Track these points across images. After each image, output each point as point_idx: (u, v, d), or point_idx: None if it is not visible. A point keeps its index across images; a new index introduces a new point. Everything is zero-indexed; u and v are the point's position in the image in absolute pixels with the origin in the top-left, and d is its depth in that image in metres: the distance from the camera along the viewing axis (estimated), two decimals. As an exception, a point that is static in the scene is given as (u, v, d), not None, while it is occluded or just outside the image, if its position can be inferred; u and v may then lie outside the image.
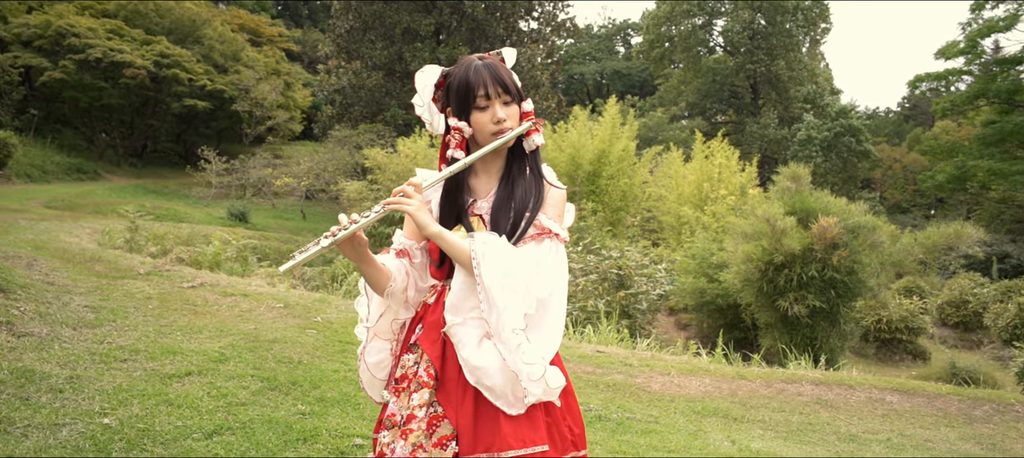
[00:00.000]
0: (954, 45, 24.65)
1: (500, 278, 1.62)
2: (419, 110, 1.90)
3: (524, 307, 1.63)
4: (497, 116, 1.74)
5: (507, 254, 1.65)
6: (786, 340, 9.13)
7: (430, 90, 1.87)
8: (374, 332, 1.85)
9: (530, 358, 1.61)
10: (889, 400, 5.37)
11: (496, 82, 1.75)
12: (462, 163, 1.75)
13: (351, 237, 1.66)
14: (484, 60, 1.79)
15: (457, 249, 1.67)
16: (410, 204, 1.66)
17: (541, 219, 1.76)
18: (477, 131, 1.77)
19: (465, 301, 1.68)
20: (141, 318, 5.25)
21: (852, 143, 35.13)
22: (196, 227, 15.39)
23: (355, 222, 1.65)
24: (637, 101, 42.79)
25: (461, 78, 1.77)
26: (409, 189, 1.68)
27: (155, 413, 3.48)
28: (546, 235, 1.75)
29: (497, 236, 1.69)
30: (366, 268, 1.75)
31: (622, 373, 5.46)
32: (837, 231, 8.73)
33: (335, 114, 27.82)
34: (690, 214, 15.21)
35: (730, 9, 41.12)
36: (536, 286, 1.66)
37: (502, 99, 1.76)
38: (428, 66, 1.89)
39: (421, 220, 1.66)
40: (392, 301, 1.80)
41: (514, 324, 1.61)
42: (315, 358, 4.74)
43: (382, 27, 26.99)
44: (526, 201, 1.77)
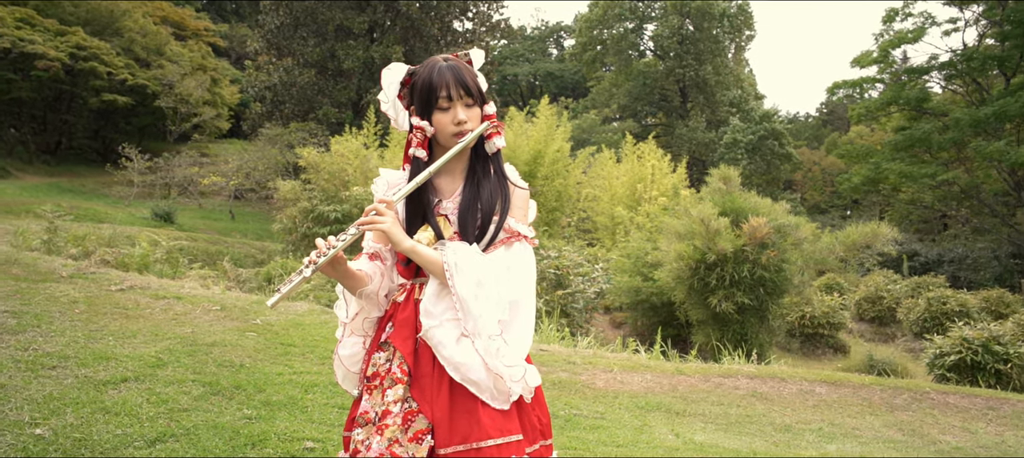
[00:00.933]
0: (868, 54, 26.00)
1: (473, 288, 1.68)
2: (384, 106, 1.93)
3: (498, 313, 1.71)
4: (458, 118, 1.78)
5: (479, 264, 1.71)
6: (718, 336, 9.44)
7: (395, 87, 1.91)
8: (350, 328, 1.89)
9: (509, 360, 1.69)
10: (818, 391, 5.64)
11: (459, 84, 1.79)
12: (428, 173, 1.79)
13: (331, 259, 1.71)
14: (449, 61, 1.82)
15: (431, 261, 1.73)
16: (383, 222, 1.71)
17: (510, 222, 1.82)
18: (438, 131, 1.81)
19: (438, 304, 1.73)
20: (68, 323, 5.00)
21: (775, 146, 36.60)
22: (119, 228, 14.73)
23: (332, 246, 1.69)
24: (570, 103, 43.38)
25: (425, 78, 1.81)
26: (381, 207, 1.72)
27: (91, 422, 3.34)
28: (515, 238, 1.82)
29: (467, 246, 1.75)
30: (345, 280, 1.79)
31: (566, 371, 5.54)
32: (766, 230, 9.09)
33: (265, 112, 27.10)
34: (624, 214, 15.52)
35: (660, 14, 42.13)
36: (507, 290, 1.73)
37: (464, 101, 1.80)
38: (394, 64, 1.92)
39: (395, 237, 1.71)
40: (367, 301, 1.84)
41: (490, 330, 1.69)
42: (258, 361, 4.63)
43: (314, 24, 26.47)
44: (493, 203, 1.82)
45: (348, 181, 13.04)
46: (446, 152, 1.81)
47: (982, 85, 24.71)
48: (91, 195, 22.58)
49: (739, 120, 37.53)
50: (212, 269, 9.27)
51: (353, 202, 11.88)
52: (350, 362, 1.89)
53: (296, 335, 5.44)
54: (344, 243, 1.69)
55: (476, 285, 1.69)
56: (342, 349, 1.89)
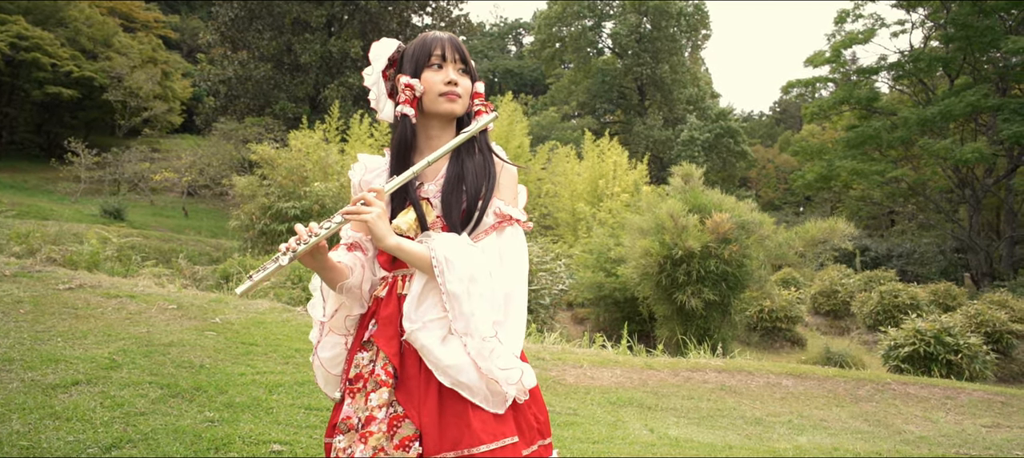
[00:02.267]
0: (820, 54, 26.61)
1: (466, 285, 1.56)
2: (368, 81, 1.81)
3: (493, 312, 1.58)
4: (449, 77, 1.70)
5: (471, 258, 1.58)
6: (682, 331, 9.51)
7: (383, 61, 1.79)
8: (329, 327, 1.75)
9: (504, 362, 1.56)
10: (785, 384, 5.69)
11: (455, 48, 1.73)
12: (425, 163, 1.66)
13: (312, 249, 1.58)
14: (446, 32, 1.76)
15: (418, 257, 1.59)
16: (369, 213, 1.57)
17: (499, 205, 1.69)
18: (427, 91, 1.71)
19: (421, 306, 1.60)
20: (12, 324, 4.74)
21: (730, 144, 37.23)
22: (65, 225, 14.16)
23: (314, 234, 1.56)
24: (529, 100, 43.39)
25: (420, 40, 1.75)
26: (370, 196, 1.59)
27: (40, 428, 3.14)
28: (506, 222, 1.68)
29: (456, 237, 1.62)
30: (325, 272, 1.66)
31: (537, 367, 5.47)
32: (729, 226, 9.18)
33: (219, 106, 26.44)
34: (586, 210, 15.56)
35: (618, 12, 42.43)
36: (502, 284, 1.61)
37: (457, 66, 1.73)
38: (385, 39, 1.81)
39: (379, 232, 1.57)
40: (347, 296, 1.72)
41: (484, 331, 1.55)
42: (218, 361, 4.45)
43: (270, 17, 25.92)
44: (478, 183, 1.69)
45: (307, 177, 12.75)
46: (433, 120, 1.74)
47: (928, 85, 25.53)
48: (34, 191, 21.70)
49: (696, 118, 38.05)
50: (166, 267, 8.95)
51: (313, 198, 11.63)
52: (331, 364, 1.76)
53: (258, 334, 5.26)
54: (327, 232, 1.56)
55: (469, 281, 1.55)
56: (322, 351, 1.76)
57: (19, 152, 27.31)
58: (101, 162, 21.98)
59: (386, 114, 1.80)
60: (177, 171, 21.75)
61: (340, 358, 1.76)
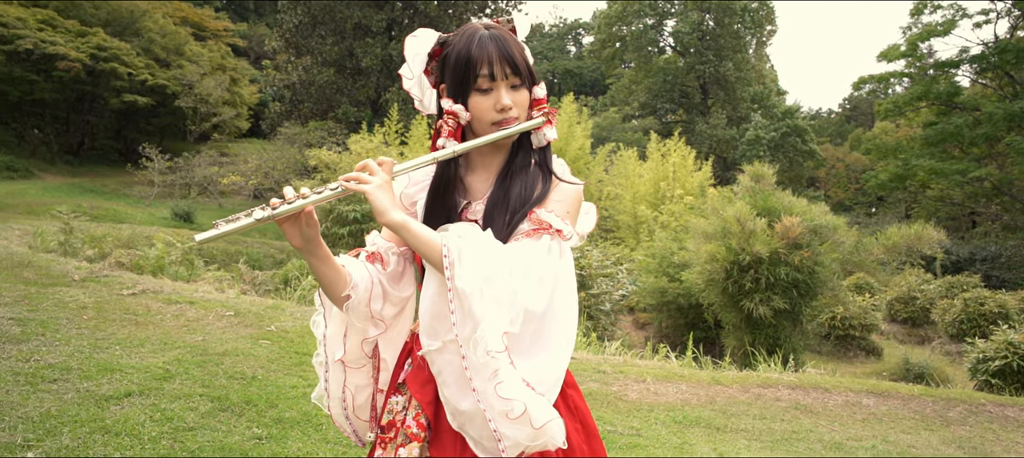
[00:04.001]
0: (895, 48, 25.37)
1: (479, 283, 1.23)
2: (407, 83, 1.56)
3: (505, 320, 1.23)
4: (501, 103, 1.39)
5: (490, 251, 1.28)
6: (750, 340, 9.08)
7: (422, 60, 1.52)
8: (348, 365, 1.49)
9: (509, 391, 1.22)
10: (866, 403, 5.28)
11: (504, 59, 1.39)
12: (449, 151, 1.40)
13: (297, 215, 1.31)
14: (491, 30, 1.43)
15: (426, 243, 1.29)
16: (369, 182, 1.29)
17: (539, 212, 1.39)
18: (475, 119, 1.42)
19: (442, 319, 1.31)
20: (75, 331, 4.78)
21: (798, 143, 35.94)
22: (137, 228, 14.64)
23: (304, 197, 1.28)
24: (590, 101, 42.95)
25: (461, 50, 1.41)
26: (373, 164, 1.32)
27: (89, 443, 3.09)
28: (544, 230, 1.36)
29: (478, 228, 1.33)
30: (317, 263, 1.38)
31: (596, 381, 5.23)
32: (800, 230, 8.71)
33: (284, 111, 27.07)
34: (648, 213, 15.16)
35: (680, 10, 41.58)
36: (526, 295, 1.26)
37: (509, 82, 1.41)
38: (421, 30, 1.53)
39: (380, 203, 1.28)
40: (354, 316, 1.43)
41: (490, 344, 1.21)
42: (271, 373, 4.37)
43: (332, 22, 26.37)
44: (524, 197, 1.41)
45: (366, 181, 12.80)
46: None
47: (1015, 78, 23.99)
48: (112, 195, 22.61)
49: (761, 117, 36.92)
50: (228, 271, 9.07)
51: (372, 202, 11.63)
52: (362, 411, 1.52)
53: (311, 343, 5.18)
54: (318, 198, 1.29)
55: (483, 279, 1.24)
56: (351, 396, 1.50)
57: (99, 157, 28.57)
58: (173, 166, 22.73)
59: (432, 108, 1.55)
60: (244, 175, 22.30)
61: (367, 397, 1.52)
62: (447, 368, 1.30)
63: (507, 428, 1.22)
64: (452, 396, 1.29)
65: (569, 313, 1.34)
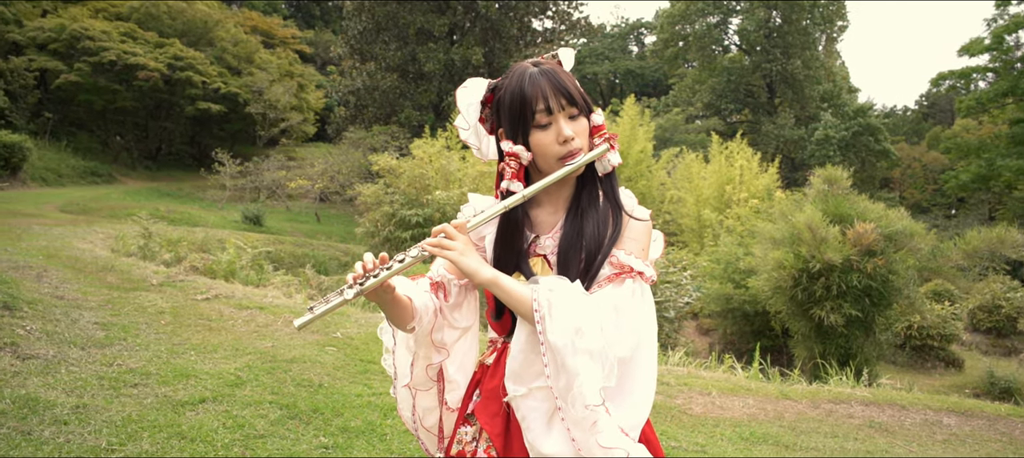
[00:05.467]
0: (978, 42, 24.15)
1: (571, 336, 1.27)
2: (464, 134, 1.57)
3: (602, 377, 1.27)
4: (563, 134, 1.39)
5: (579, 304, 1.31)
6: (820, 350, 8.77)
7: (475, 109, 1.53)
8: (415, 388, 1.57)
9: (609, 440, 1.25)
10: (946, 422, 5.03)
11: (559, 92, 1.40)
12: (519, 197, 1.40)
13: (379, 285, 1.36)
14: (540, 66, 1.44)
15: (517, 298, 1.33)
16: (453, 249, 1.34)
17: (619, 255, 1.41)
18: (539, 155, 1.42)
19: (529, 367, 1.34)
20: (153, 336, 4.99)
21: (870, 142, 34.59)
22: (210, 231, 15.21)
23: (388, 266, 1.33)
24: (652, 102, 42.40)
25: (514, 91, 1.42)
26: (452, 229, 1.37)
27: (166, 448, 3.21)
28: (627, 274, 1.39)
29: (566, 281, 1.35)
30: (387, 307, 1.44)
31: (660, 393, 5.14)
32: (873, 237, 8.37)
33: (348, 115, 27.70)
34: (712, 217, 14.86)
35: (745, 7, 40.57)
36: (616, 344, 1.30)
37: (567, 112, 1.41)
38: (471, 80, 1.55)
39: (468, 268, 1.34)
40: (419, 346, 1.51)
41: (588, 398, 1.25)
42: (336, 380, 4.46)
43: (395, 28, 26.83)
44: (600, 237, 1.42)
45: (429, 185, 12.97)
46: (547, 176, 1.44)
47: (1113, 72, 22.52)
48: (187, 199, 23.57)
49: (831, 115, 35.69)
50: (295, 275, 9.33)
51: (435, 206, 11.78)
52: (434, 428, 1.61)
53: (376, 350, 5.26)
54: (401, 267, 1.33)
55: (574, 333, 1.26)
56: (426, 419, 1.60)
57: (175, 162, 29.87)
58: (243, 171, 23.54)
59: (492, 154, 1.56)
60: (310, 178, 22.91)
61: (436, 419, 1.60)
62: (532, 414, 1.34)
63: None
64: (536, 440, 1.32)
65: (652, 355, 1.39)
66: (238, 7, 37.95)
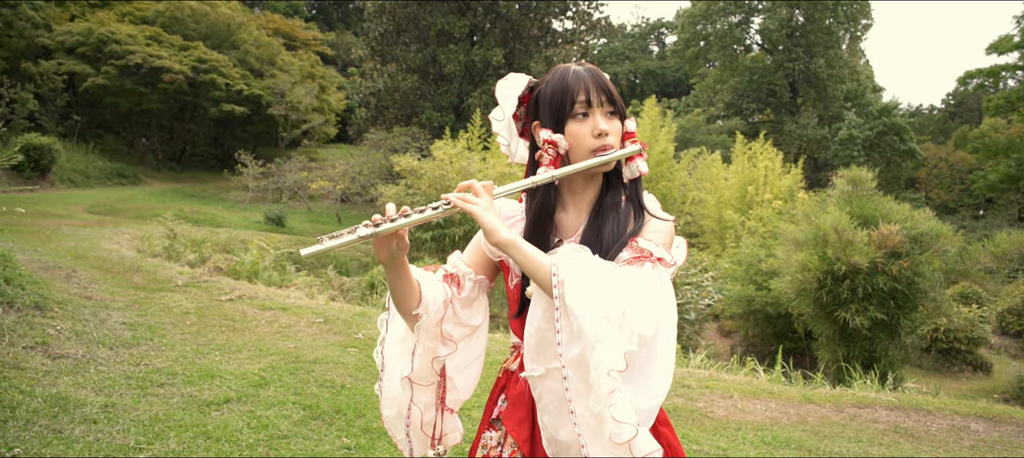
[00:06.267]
0: (1007, 39, 23.74)
1: (591, 302, 1.22)
2: (497, 126, 1.58)
3: (625, 341, 1.22)
4: (599, 128, 1.42)
5: (600, 272, 1.27)
6: (844, 353, 8.68)
7: (513, 102, 1.54)
8: (414, 382, 1.49)
9: (622, 414, 1.19)
10: (974, 428, 4.95)
11: (600, 88, 1.44)
12: (548, 176, 1.41)
13: (393, 233, 1.33)
14: (583, 65, 1.48)
15: (535, 263, 1.30)
16: (478, 203, 1.33)
17: (638, 241, 1.39)
18: (574, 145, 1.44)
19: (547, 346, 1.30)
20: (179, 336, 5.07)
21: (895, 142, 34.14)
22: (234, 232, 15.38)
23: (406, 215, 1.32)
24: (673, 102, 42.14)
25: (556, 83, 1.46)
26: (478, 186, 1.36)
27: (193, 447, 3.26)
28: (646, 259, 1.35)
29: (587, 250, 1.33)
30: (396, 278, 1.41)
31: (681, 396, 5.12)
32: (899, 239, 8.26)
33: (369, 117, 27.84)
34: (734, 218, 14.74)
35: (767, 6, 40.19)
36: (637, 317, 1.24)
37: (605, 109, 1.45)
38: (512, 75, 1.56)
39: (489, 223, 1.32)
40: (424, 335, 1.45)
41: (611, 363, 1.19)
42: (359, 381, 4.50)
43: (416, 29, 26.93)
44: (618, 234, 1.43)
45: (450, 186, 13.01)
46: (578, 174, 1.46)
47: None
48: (211, 199, 23.84)
49: (855, 115, 35.25)
50: (317, 276, 9.42)
51: (455, 207, 11.80)
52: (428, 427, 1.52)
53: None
54: (421, 217, 1.32)
55: (595, 299, 1.22)
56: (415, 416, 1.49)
57: (199, 163, 30.24)
58: (266, 172, 23.76)
59: (520, 156, 1.58)
60: (332, 179, 23.05)
61: (434, 415, 1.53)
62: (548, 395, 1.31)
63: (605, 452, 1.22)
64: (551, 423, 1.31)
65: (671, 341, 1.34)
66: (260, 10, 38.34)
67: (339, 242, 1.31)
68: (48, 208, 14.62)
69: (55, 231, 10.59)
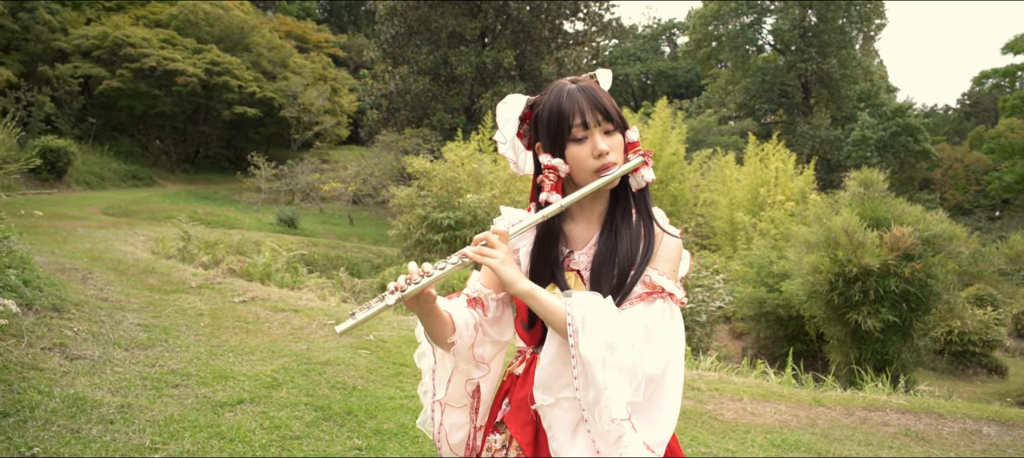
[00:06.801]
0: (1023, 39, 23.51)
1: (602, 351, 1.31)
2: (502, 149, 1.63)
3: (630, 392, 1.32)
4: (599, 148, 1.45)
5: (611, 321, 1.35)
6: (855, 355, 8.64)
7: (514, 124, 1.59)
8: (446, 404, 1.56)
9: (634, 454, 1.31)
10: (986, 432, 4.93)
11: (595, 108, 1.46)
12: (556, 206, 1.45)
13: (420, 292, 1.39)
14: (578, 83, 1.50)
15: (551, 311, 1.37)
16: (495, 256, 1.38)
17: (651, 275, 1.45)
18: (575, 168, 1.48)
19: (558, 378, 1.38)
20: (193, 337, 5.13)
21: (909, 143, 33.89)
22: (247, 233, 15.50)
23: (427, 275, 1.36)
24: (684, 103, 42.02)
25: (552, 105, 1.48)
26: (493, 238, 1.40)
27: (207, 448, 3.31)
28: (657, 295, 1.43)
29: (599, 297, 1.40)
30: (428, 320, 1.46)
31: (690, 398, 5.13)
32: (911, 241, 8.22)
33: (381, 118, 27.96)
34: (745, 220, 14.70)
35: (780, 7, 40.00)
36: (646, 362, 1.34)
37: (603, 128, 1.47)
38: (511, 96, 1.59)
39: (507, 276, 1.37)
40: (459, 360, 1.52)
41: (615, 412, 1.29)
42: (370, 383, 4.54)
43: (427, 31, 27.03)
44: (632, 254, 1.47)
45: (461, 188, 13.06)
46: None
47: None
48: (224, 201, 24.03)
49: (868, 115, 35.02)
50: (329, 278, 9.48)
51: (466, 209, 11.86)
52: (459, 448, 1.59)
53: (408, 353, 5.34)
54: (442, 273, 1.36)
55: (606, 348, 1.31)
56: (452, 436, 1.57)
57: (212, 166, 30.47)
58: (278, 174, 23.90)
59: (529, 168, 1.62)
60: (343, 181, 23.17)
61: (465, 436, 1.59)
62: (557, 423, 1.38)
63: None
64: (561, 449, 1.37)
65: (679, 374, 1.42)
66: (273, 13, 38.59)
67: (371, 313, 1.36)
68: (64, 210, 14.79)
69: (71, 233, 10.72)
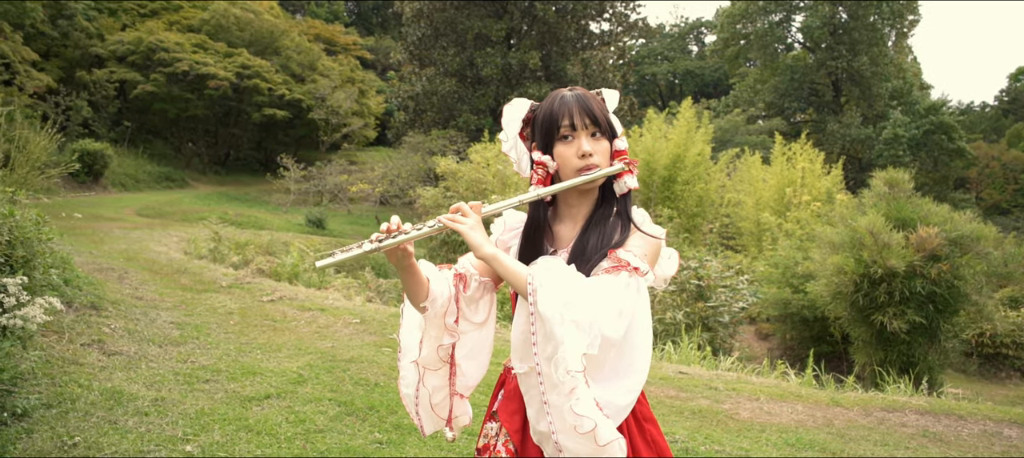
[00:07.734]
0: (1061, 35, 22.92)
1: (560, 308, 1.37)
2: (505, 147, 1.76)
3: (584, 344, 1.36)
4: (582, 149, 1.57)
5: (571, 282, 1.42)
6: (880, 357, 8.57)
7: (517, 124, 1.72)
8: (424, 365, 1.66)
9: (582, 408, 1.34)
10: (1007, 435, 4.90)
11: (583, 112, 1.58)
12: (534, 194, 1.58)
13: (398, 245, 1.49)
14: (574, 91, 1.63)
15: (514, 273, 1.46)
16: (465, 223, 1.50)
17: (618, 252, 1.52)
18: (561, 166, 1.60)
19: (527, 342, 1.45)
20: (223, 335, 5.32)
21: (944, 141, 33.24)
22: (276, 234, 15.81)
23: (404, 232, 1.48)
24: (712, 102, 41.70)
25: (546, 109, 1.63)
26: (466, 207, 1.52)
27: (235, 440, 3.47)
28: (623, 268, 1.48)
29: (563, 263, 1.49)
30: (406, 276, 1.57)
31: (707, 398, 5.19)
32: (938, 242, 8.13)
33: (408, 120, 28.23)
34: (771, 220, 14.61)
35: (809, 4, 39.51)
36: (604, 322, 1.38)
37: (589, 131, 1.59)
38: (516, 100, 1.73)
39: (474, 240, 1.49)
40: (430, 325, 1.62)
41: (570, 364, 1.34)
42: (392, 380, 4.68)
43: (454, 34, 27.23)
44: (601, 244, 1.57)
45: (486, 189, 13.20)
46: (571, 191, 1.62)
47: None
48: (254, 203, 24.49)
49: (901, 113, 34.41)
50: (355, 278, 9.68)
51: (490, 211, 11.98)
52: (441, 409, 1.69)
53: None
54: (417, 233, 1.48)
55: (563, 305, 1.37)
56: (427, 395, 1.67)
57: (243, 167, 31.04)
58: (307, 175, 24.29)
59: (526, 170, 1.73)
60: (371, 182, 23.46)
61: (444, 398, 1.69)
62: (531, 390, 1.47)
63: (572, 442, 1.37)
64: (534, 415, 1.47)
65: (644, 346, 1.47)
66: (301, 16, 39.15)
67: (349, 254, 1.48)
68: (101, 211, 15.24)
69: (108, 234, 11.07)
